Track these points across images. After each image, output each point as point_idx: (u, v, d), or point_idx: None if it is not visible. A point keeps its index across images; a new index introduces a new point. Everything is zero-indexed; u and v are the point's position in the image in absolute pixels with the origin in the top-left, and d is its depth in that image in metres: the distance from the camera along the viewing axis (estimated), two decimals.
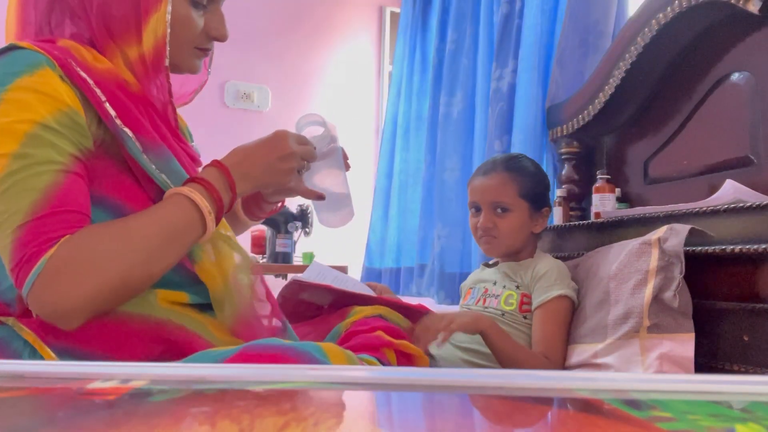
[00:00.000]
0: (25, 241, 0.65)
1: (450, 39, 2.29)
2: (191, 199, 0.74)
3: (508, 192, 1.32)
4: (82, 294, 0.67)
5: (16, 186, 0.66)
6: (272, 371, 0.48)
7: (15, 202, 0.66)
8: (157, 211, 0.74)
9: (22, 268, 0.65)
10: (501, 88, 1.89)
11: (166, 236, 0.73)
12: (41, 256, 0.65)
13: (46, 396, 0.40)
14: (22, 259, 0.65)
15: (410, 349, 0.91)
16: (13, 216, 0.66)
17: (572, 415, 0.37)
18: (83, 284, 0.67)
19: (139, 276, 0.71)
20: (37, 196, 0.66)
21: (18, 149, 0.66)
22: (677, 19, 1.32)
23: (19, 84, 0.68)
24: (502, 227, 1.32)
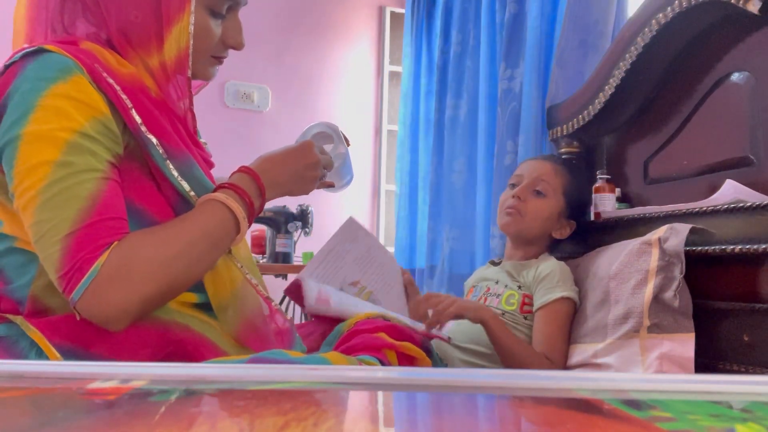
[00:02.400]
0: (75, 249, 0.66)
1: (455, 41, 2.29)
2: (227, 206, 0.77)
3: (554, 180, 1.34)
4: (134, 299, 0.68)
5: (61, 194, 0.67)
6: (272, 371, 0.48)
7: (61, 210, 0.67)
8: (197, 216, 0.76)
9: (74, 276, 0.66)
10: (513, 89, 1.88)
11: (206, 241, 0.75)
12: (93, 263, 0.66)
13: (46, 396, 0.40)
14: (73, 266, 0.66)
15: (412, 351, 0.91)
16: (61, 224, 0.66)
17: (572, 415, 0.37)
18: (135, 290, 0.68)
19: (183, 280, 0.74)
20: (83, 204, 0.67)
21: (60, 157, 0.67)
22: (677, 19, 1.32)
23: (54, 91, 0.68)
24: (531, 206, 1.33)
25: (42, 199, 0.67)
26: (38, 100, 0.68)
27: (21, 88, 0.69)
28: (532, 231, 1.35)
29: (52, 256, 0.67)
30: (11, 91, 0.69)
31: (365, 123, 3.18)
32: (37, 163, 0.67)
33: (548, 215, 1.34)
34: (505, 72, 1.92)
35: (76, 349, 0.71)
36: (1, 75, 0.71)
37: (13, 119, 0.68)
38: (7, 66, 0.71)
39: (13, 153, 0.67)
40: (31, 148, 0.67)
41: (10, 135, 0.68)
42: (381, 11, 3.25)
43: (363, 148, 3.13)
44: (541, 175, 1.35)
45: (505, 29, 1.94)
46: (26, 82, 0.69)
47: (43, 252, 0.68)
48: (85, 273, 0.66)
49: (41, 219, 0.67)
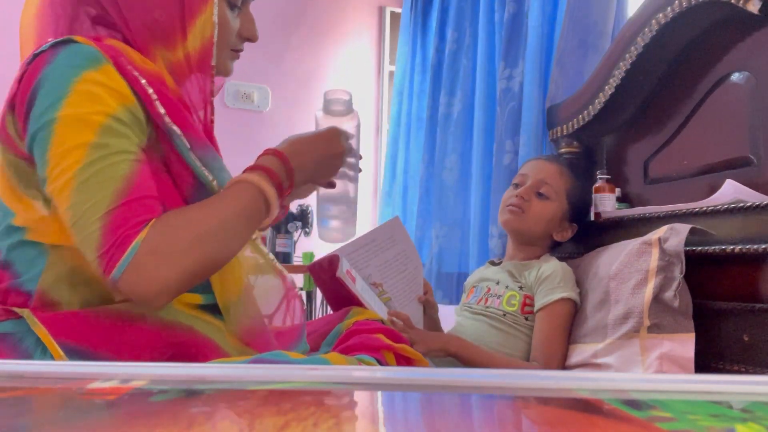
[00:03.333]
0: (114, 227, 0.67)
1: (450, 39, 2.29)
2: (259, 187, 0.77)
3: (559, 182, 1.34)
4: (174, 274, 0.69)
5: (97, 176, 0.67)
6: (272, 371, 0.48)
7: (98, 191, 0.67)
8: (230, 196, 0.76)
9: (114, 253, 0.66)
10: (512, 88, 1.88)
11: (240, 220, 0.76)
12: (133, 240, 0.67)
13: (46, 396, 0.40)
14: (113, 244, 0.66)
15: (410, 353, 0.91)
16: (98, 204, 0.67)
17: (572, 415, 0.37)
18: (175, 265, 0.69)
19: (218, 257, 0.74)
20: (119, 185, 0.68)
21: (95, 140, 0.68)
22: (677, 19, 1.32)
23: (86, 77, 0.69)
24: (534, 207, 1.33)
25: (79, 181, 0.67)
26: (71, 85, 0.68)
27: (53, 75, 0.69)
28: (534, 231, 1.35)
29: (91, 236, 0.67)
30: (42, 78, 0.69)
31: (365, 122, 3.17)
32: (73, 145, 0.67)
33: (550, 217, 1.34)
34: (504, 71, 1.92)
35: (80, 348, 0.71)
36: (30, 63, 0.72)
37: (46, 104, 0.68)
38: (36, 54, 0.72)
39: (48, 137, 0.68)
40: (66, 131, 0.68)
41: (43, 119, 0.68)
42: (381, 11, 3.25)
43: (363, 147, 3.13)
44: (546, 177, 1.35)
45: (504, 28, 1.94)
46: (58, 69, 0.69)
47: (81, 233, 0.68)
48: (126, 249, 0.66)
49: (78, 200, 0.67)
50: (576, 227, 1.39)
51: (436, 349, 1.16)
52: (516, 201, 1.34)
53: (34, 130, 0.69)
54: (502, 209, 1.38)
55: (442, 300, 2.08)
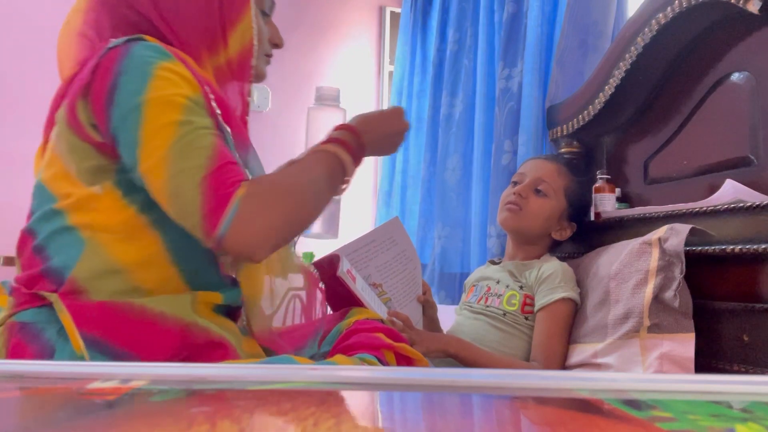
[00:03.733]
0: (213, 189, 0.71)
1: (451, 39, 2.29)
2: (337, 155, 0.84)
3: (557, 180, 1.34)
4: (273, 226, 0.74)
5: (188, 147, 0.72)
6: (272, 371, 0.48)
7: (191, 160, 0.72)
8: (312, 161, 0.83)
9: (218, 212, 0.71)
10: (510, 88, 1.88)
11: (322, 183, 0.82)
12: (233, 198, 0.71)
13: (46, 396, 0.40)
14: (216, 204, 0.71)
15: (410, 352, 0.91)
16: (194, 172, 0.71)
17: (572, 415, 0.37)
18: (273, 217, 0.74)
19: (307, 214, 0.81)
20: (209, 152, 0.73)
21: (181, 117, 0.73)
22: (677, 19, 1.32)
23: (163, 65, 0.75)
24: (532, 205, 1.33)
25: (172, 155, 0.71)
26: (153, 71, 0.73)
27: (133, 64, 0.74)
28: (532, 230, 1.35)
29: (192, 201, 0.71)
30: (122, 68, 0.74)
31: None
32: (163, 123, 0.72)
33: (548, 215, 1.34)
34: (503, 71, 1.92)
35: (101, 340, 0.72)
36: (103, 56, 0.75)
37: (131, 89, 0.73)
38: (110, 48, 0.76)
39: (138, 118, 0.72)
40: (155, 111, 0.72)
41: (131, 103, 0.73)
42: (381, 11, 3.25)
43: None
44: (544, 175, 1.35)
45: (503, 28, 1.94)
46: (137, 59, 0.74)
47: (181, 201, 0.72)
48: (228, 207, 0.71)
49: (174, 172, 0.71)
50: (575, 226, 1.38)
51: (436, 350, 1.16)
52: (514, 198, 1.34)
53: (121, 114, 0.73)
54: (501, 208, 1.38)
55: (444, 300, 2.08)
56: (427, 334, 1.22)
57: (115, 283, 0.75)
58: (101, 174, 0.76)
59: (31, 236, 0.79)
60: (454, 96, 2.24)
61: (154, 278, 0.77)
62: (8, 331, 0.75)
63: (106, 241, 0.76)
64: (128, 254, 0.76)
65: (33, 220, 0.79)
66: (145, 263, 0.77)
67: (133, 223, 0.77)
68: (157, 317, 0.74)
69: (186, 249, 0.79)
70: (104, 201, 0.76)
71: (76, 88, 0.76)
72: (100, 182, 0.76)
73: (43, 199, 0.79)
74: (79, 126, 0.76)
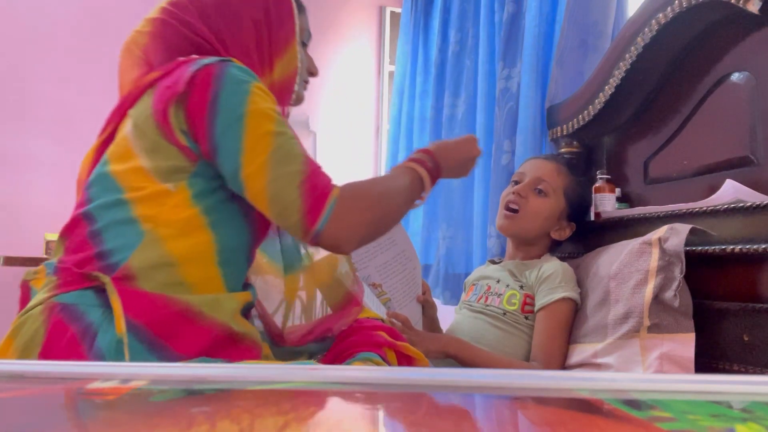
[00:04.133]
0: (311, 190, 0.81)
1: (453, 40, 2.29)
2: (417, 172, 0.96)
3: (556, 180, 1.34)
4: (363, 222, 0.85)
5: (287, 154, 0.82)
6: (272, 371, 0.48)
7: (290, 166, 0.82)
8: (397, 175, 0.95)
9: (315, 210, 0.81)
10: (510, 88, 1.88)
11: (406, 193, 0.94)
12: (330, 196, 0.82)
13: (46, 396, 0.40)
14: (315, 203, 0.81)
15: (411, 351, 0.93)
16: (293, 176, 0.81)
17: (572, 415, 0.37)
18: (364, 215, 0.85)
19: (390, 218, 0.92)
20: (303, 159, 0.83)
21: (276, 128, 0.83)
22: (677, 19, 1.32)
23: (256, 84, 0.85)
24: (531, 204, 1.32)
25: (273, 161, 0.81)
26: (250, 88, 0.83)
27: (231, 81, 0.83)
28: (531, 230, 1.34)
29: (293, 202, 0.81)
30: (222, 84, 0.83)
31: (365, 123, 3.18)
32: (263, 133, 0.82)
33: (548, 215, 1.34)
34: (503, 71, 1.92)
35: (142, 327, 0.76)
36: (198, 71, 0.83)
37: (234, 102, 0.82)
38: (204, 65, 0.84)
39: (241, 128, 0.81)
40: (256, 122, 0.82)
41: (235, 114, 0.82)
42: (381, 11, 3.25)
43: (363, 148, 3.13)
44: (544, 174, 1.35)
45: (503, 28, 1.94)
46: (234, 77, 0.83)
47: (281, 202, 0.81)
48: (326, 204, 0.81)
49: (275, 176, 0.81)
50: (574, 226, 1.38)
51: (435, 351, 1.17)
52: (513, 198, 1.34)
53: (225, 124, 0.82)
54: (499, 213, 1.38)
55: (450, 301, 2.09)
56: (426, 334, 1.22)
57: (164, 275, 0.81)
58: (177, 174, 0.84)
59: (88, 221, 0.83)
60: (456, 96, 2.24)
61: (198, 275, 0.83)
62: (49, 310, 0.78)
63: (164, 235, 0.82)
64: (181, 249, 0.82)
65: (92, 206, 0.84)
66: (194, 260, 0.83)
67: (194, 222, 0.83)
68: (197, 315, 0.79)
69: (231, 253, 0.87)
70: (174, 198, 0.83)
71: (168, 96, 0.83)
72: (174, 181, 0.83)
73: (108, 189, 0.84)
74: (169, 129, 0.83)
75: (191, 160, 0.84)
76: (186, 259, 0.82)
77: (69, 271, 0.80)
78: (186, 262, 0.82)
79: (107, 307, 0.77)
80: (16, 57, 2.61)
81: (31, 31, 2.63)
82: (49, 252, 2.37)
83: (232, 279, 0.88)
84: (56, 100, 2.65)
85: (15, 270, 2.49)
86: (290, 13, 0.99)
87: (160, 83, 0.86)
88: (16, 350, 0.77)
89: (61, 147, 2.66)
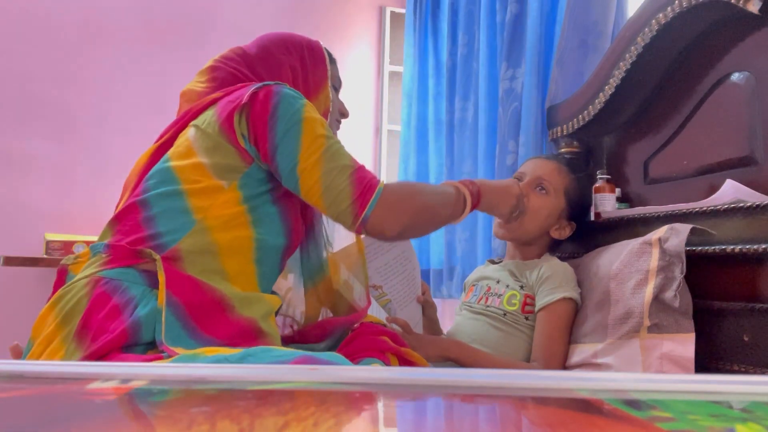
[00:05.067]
0: (360, 181, 0.92)
1: (461, 42, 2.28)
2: (462, 194, 1.06)
3: (557, 179, 1.35)
4: (406, 214, 0.95)
5: (337, 152, 0.94)
6: (272, 371, 0.48)
7: (339, 161, 0.93)
8: (444, 190, 1.05)
9: (364, 197, 0.91)
10: (515, 89, 1.88)
11: (448, 205, 1.03)
12: (376, 186, 0.93)
13: (46, 396, 0.40)
14: (363, 192, 0.91)
15: (413, 356, 0.95)
16: (343, 170, 0.92)
17: (572, 415, 0.37)
18: (407, 208, 0.95)
19: (430, 218, 1.01)
20: (351, 157, 0.95)
21: (326, 133, 0.95)
22: (677, 19, 1.32)
23: (307, 101, 0.97)
24: (532, 202, 1.32)
25: (326, 157, 0.92)
26: (303, 102, 0.96)
27: (288, 97, 0.95)
28: (531, 230, 1.34)
29: (344, 191, 0.91)
30: (280, 99, 0.94)
31: (365, 123, 3.18)
32: (317, 136, 0.93)
33: (548, 213, 1.34)
34: (506, 72, 1.92)
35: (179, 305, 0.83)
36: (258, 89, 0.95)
37: (292, 111, 0.93)
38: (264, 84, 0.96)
39: (299, 131, 0.93)
40: (311, 127, 0.93)
41: (293, 120, 0.93)
42: (381, 11, 3.25)
43: (363, 148, 3.13)
44: (544, 173, 1.35)
45: (506, 29, 1.94)
46: (289, 94, 0.95)
47: (333, 192, 0.91)
48: (373, 193, 0.92)
49: (329, 168, 0.92)
50: (575, 226, 1.38)
51: (436, 355, 1.17)
52: None
53: (285, 128, 0.92)
54: (495, 221, 1.38)
55: None
56: (426, 339, 1.22)
57: (207, 262, 0.89)
58: (231, 172, 0.93)
59: (143, 208, 0.92)
60: (466, 100, 2.24)
61: (235, 267, 0.92)
62: (93, 282, 0.84)
63: (211, 226, 0.90)
64: (224, 241, 0.91)
65: (149, 195, 0.93)
66: (234, 252, 0.92)
67: (239, 218, 0.92)
68: (228, 308, 0.86)
69: (267, 252, 0.95)
70: (226, 195, 0.92)
71: (232, 107, 0.94)
72: (228, 179, 0.93)
73: (166, 181, 0.93)
74: (232, 131, 0.94)
75: (245, 162, 0.94)
76: (227, 250, 0.91)
77: (122, 247, 0.87)
78: (227, 253, 0.91)
79: (149, 286, 0.85)
80: (17, 57, 2.61)
81: (31, 32, 2.63)
82: (49, 252, 2.37)
83: (264, 278, 0.96)
84: (57, 100, 2.65)
85: (15, 270, 2.49)
86: (323, 61, 1.12)
87: (223, 99, 0.98)
88: (57, 316, 0.83)
89: (61, 147, 2.66)
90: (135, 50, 2.76)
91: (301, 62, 1.09)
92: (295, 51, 1.09)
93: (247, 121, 0.94)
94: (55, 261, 2.25)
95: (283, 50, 1.09)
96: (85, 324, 0.80)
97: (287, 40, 1.11)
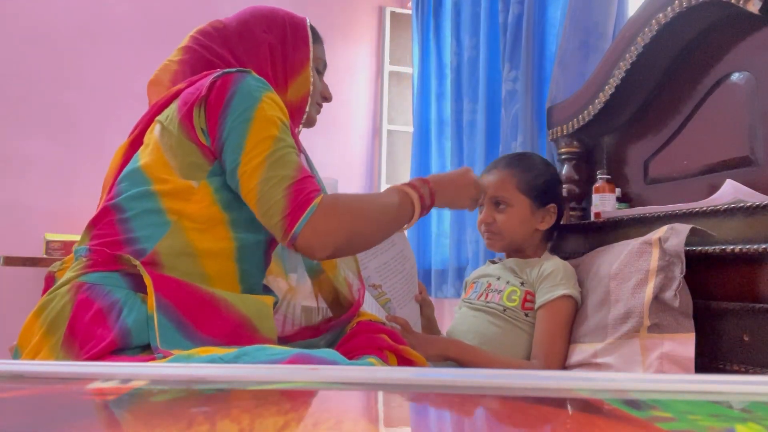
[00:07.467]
0: (296, 195, 0.86)
1: (467, 45, 2.27)
2: (410, 197, 0.99)
3: (506, 187, 1.33)
4: (340, 233, 0.88)
5: (281, 160, 0.87)
6: (272, 371, 0.48)
7: (282, 170, 0.87)
8: (385, 195, 0.99)
9: (296, 213, 0.85)
10: (517, 90, 1.88)
11: (391, 213, 0.97)
12: (311, 203, 0.86)
13: (46, 396, 0.40)
14: (296, 206, 0.85)
15: (412, 355, 0.94)
16: (283, 179, 0.86)
17: (572, 415, 0.37)
18: (341, 226, 0.88)
19: (371, 234, 0.96)
20: (294, 166, 0.88)
21: (278, 134, 0.89)
22: (677, 19, 1.32)
23: (269, 94, 0.91)
24: (501, 222, 1.32)
25: (268, 163, 0.86)
26: (262, 96, 0.90)
27: (246, 88, 0.90)
28: (516, 240, 1.34)
29: (278, 203, 0.85)
30: (237, 90, 0.89)
31: (365, 123, 3.18)
32: (264, 137, 0.87)
33: (520, 220, 1.33)
34: (509, 73, 1.92)
35: (172, 309, 0.81)
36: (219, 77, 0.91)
37: (244, 107, 0.88)
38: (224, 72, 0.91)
39: (245, 129, 0.87)
40: (260, 126, 0.88)
41: (243, 117, 0.88)
42: (381, 11, 3.25)
43: (363, 148, 3.13)
44: (495, 190, 1.33)
45: (509, 30, 1.94)
46: (250, 85, 0.90)
47: (267, 202, 0.86)
48: (306, 210, 0.85)
49: (268, 176, 0.86)
50: (554, 206, 1.36)
51: (435, 355, 1.17)
52: (484, 229, 1.35)
53: (233, 123, 0.87)
54: (482, 234, 1.39)
55: None
56: (426, 338, 1.22)
57: (188, 265, 0.87)
58: (196, 171, 0.90)
59: (117, 211, 0.89)
60: (474, 101, 2.23)
61: (216, 268, 0.89)
62: (75, 288, 0.83)
63: (187, 227, 0.88)
64: (203, 242, 0.88)
65: (122, 198, 0.90)
66: (213, 254, 0.89)
67: (215, 218, 0.90)
68: (221, 303, 0.86)
69: (248, 251, 0.92)
70: (198, 194, 0.89)
71: (193, 99, 0.90)
72: (196, 177, 0.90)
73: (138, 182, 0.90)
74: (192, 128, 0.90)
75: (208, 159, 0.90)
76: (207, 253, 0.88)
77: (101, 252, 0.85)
78: (206, 255, 0.88)
79: (131, 289, 0.83)
80: (17, 57, 2.61)
81: (31, 32, 2.63)
82: (49, 252, 2.37)
83: (247, 276, 0.93)
84: (56, 100, 2.65)
85: (15, 270, 2.49)
86: (305, 41, 1.07)
87: (186, 91, 0.94)
88: (42, 326, 0.82)
89: (61, 147, 2.66)
90: (135, 51, 2.76)
91: (281, 41, 1.04)
92: (277, 29, 1.04)
93: (205, 113, 0.90)
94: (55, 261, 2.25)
95: (264, 27, 1.03)
96: (71, 332, 0.79)
97: (270, 17, 1.05)
